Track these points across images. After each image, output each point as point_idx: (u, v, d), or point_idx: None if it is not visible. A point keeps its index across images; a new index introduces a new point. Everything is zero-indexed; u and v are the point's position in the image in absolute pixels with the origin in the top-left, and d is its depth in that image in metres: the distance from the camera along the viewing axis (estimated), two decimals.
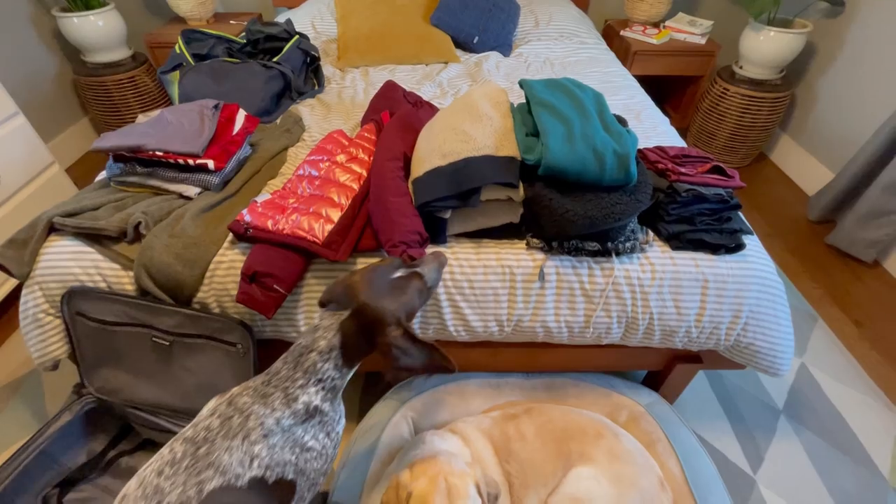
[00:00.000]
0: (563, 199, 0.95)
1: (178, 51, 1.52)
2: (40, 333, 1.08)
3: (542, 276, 1.01)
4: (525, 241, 1.04)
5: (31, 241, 1.04)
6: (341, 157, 1.23)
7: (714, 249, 1.04)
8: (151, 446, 1.26)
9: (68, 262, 1.03)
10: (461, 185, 0.94)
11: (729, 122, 2.34)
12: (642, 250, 1.04)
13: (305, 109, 1.57)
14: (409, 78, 1.82)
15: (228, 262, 1.02)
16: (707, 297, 1.03)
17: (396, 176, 1.04)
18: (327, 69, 1.88)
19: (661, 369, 1.27)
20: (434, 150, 1.01)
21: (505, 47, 2.08)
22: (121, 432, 1.27)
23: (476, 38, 2.02)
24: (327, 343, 0.71)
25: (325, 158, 1.23)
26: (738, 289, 1.03)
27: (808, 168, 2.31)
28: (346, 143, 1.30)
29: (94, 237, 1.04)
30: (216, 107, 1.20)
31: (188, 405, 1.11)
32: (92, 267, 1.03)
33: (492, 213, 1.02)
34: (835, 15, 2.14)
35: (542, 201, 0.97)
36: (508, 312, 1.04)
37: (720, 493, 1.01)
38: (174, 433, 1.16)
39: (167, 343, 1.06)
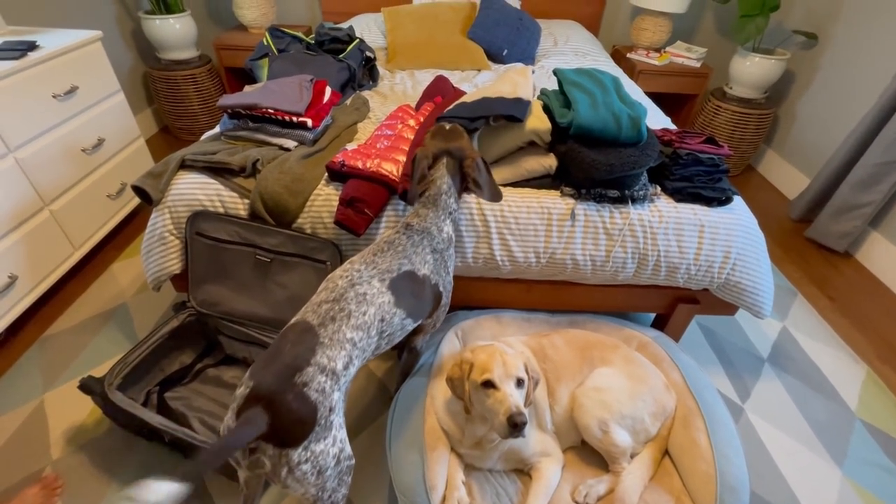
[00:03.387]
0: (589, 152, 1.23)
1: (265, 43, 1.83)
2: (162, 250, 1.33)
3: (573, 216, 1.28)
4: (559, 190, 1.32)
5: (166, 173, 1.30)
6: (411, 122, 1.52)
7: (708, 202, 1.32)
8: (232, 362, 1.48)
9: (195, 190, 1.29)
10: (473, 112, 1.24)
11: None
12: (652, 200, 1.31)
13: (366, 97, 1.86)
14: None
15: (325, 196, 1.28)
16: (703, 239, 1.30)
17: None
18: (378, 69, 2.19)
19: (665, 312, 1.52)
20: (467, 97, 1.33)
21: (528, 60, 2.42)
22: (206, 349, 1.49)
23: (505, 52, 2.35)
24: (447, 183, 1.08)
25: (399, 122, 1.52)
26: (728, 234, 1.30)
27: (789, 176, 2.63)
28: (414, 113, 1.59)
29: (217, 171, 1.31)
30: (311, 80, 1.49)
31: (277, 316, 1.34)
32: (214, 195, 1.29)
33: (529, 161, 1.30)
34: (810, 47, 2.51)
35: (574, 154, 1.24)
36: (545, 245, 1.30)
37: (714, 396, 1.24)
38: (258, 344, 1.38)
39: (268, 260, 1.30)
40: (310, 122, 1.38)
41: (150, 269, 1.36)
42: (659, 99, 3.07)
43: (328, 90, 1.51)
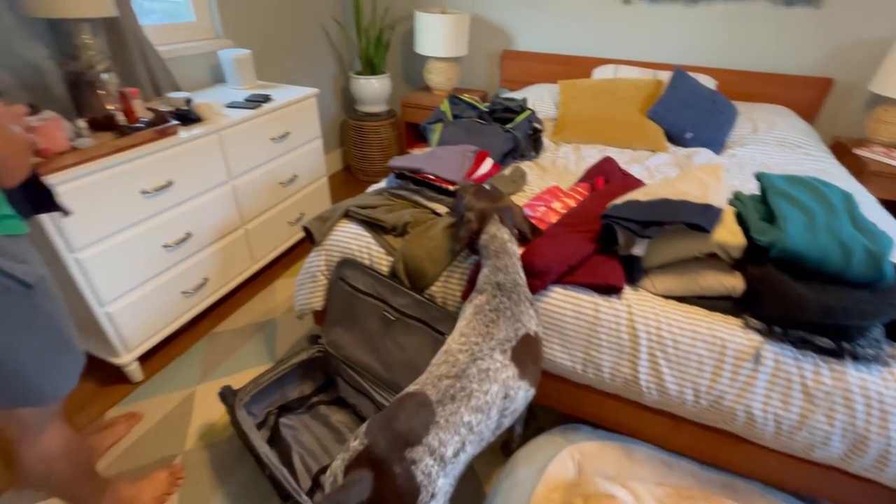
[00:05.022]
0: (795, 284, 0.95)
1: (442, 109, 1.97)
2: (312, 287, 1.45)
3: (757, 359, 1.00)
4: (742, 320, 1.05)
5: (331, 220, 1.44)
6: (556, 205, 1.42)
7: None
8: (342, 404, 1.51)
9: (350, 240, 1.39)
10: (647, 215, 1.05)
11: None
12: (886, 364, 0.95)
13: (525, 169, 1.84)
14: (617, 158, 1.99)
15: (462, 270, 1.25)
16: None
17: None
18: (543, 140, 2.17)
19: None
20: (640, 192, 1.15)
21: (716, 146, 2.12)
22: (324, 385, 1.56)
23: (689, 135, 2.12)
24: (507, 233, 1.08)
25: (543, 205, 1.44)
26: None
27: None
28: (562, 195, 1.50)
29: (372, 226, 1.39)
30: (474, 151, 1.51)
31: (389, 376, 1.33)
32: (365, 247, 1.37)
33: (707, 276, 1.07)
34: None
35: (772, 282, 0.98)
36: (710, 384, 1.04)
37: None
38: (367, 396, 1.39)
39: (393, 318, 1.31)
40: None
41: (299, 301, 1.49)
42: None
43: (488, 162, 1.52)
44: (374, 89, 2.92)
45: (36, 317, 0.75)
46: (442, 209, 1.43)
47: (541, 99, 2.59)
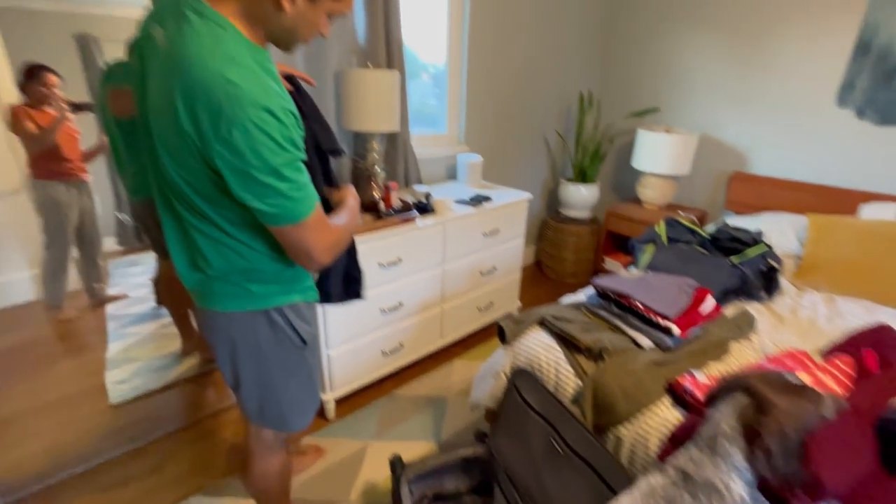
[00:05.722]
0: None
1: (657, 230, 1.88)
2: (492, 384, 1.48)
3: None
4: None
5: (524, 323, 1.47)
6: (804, 377, 1.14)
7: None
8: None
9: (540, 349, 1.39)
10: None
11: None
12: None
13: (753, 312, 1.57)
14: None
15: (662, 419, 1.10)
16: None
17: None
18: (780, 281, 1.83)
19: None
20: None
21: None
22: (480, 485, 1.52)
23: None
24: (729, 426, 0.81)
25: (782, 371, 1.17)
26: None
27: None
28: (811, 366, 1.20)
29: (565, 341, 1.37)
30: (692, 287, 1.38)
31: None
32: (553, 361, 1.35)
33: None
34: None
35: None
36: None
37: None
38: None
39: (559, 451, 1.22)
40: (676, 330, 1.26)
41: (475, 394, 1.53)
42: None
43: (710, 301, 1.36)
44: (581, 196, 3.01)
45: (302, 366, 0.97)
46: (645, 342, 1.31)
47: (779, 230, 2.24)
